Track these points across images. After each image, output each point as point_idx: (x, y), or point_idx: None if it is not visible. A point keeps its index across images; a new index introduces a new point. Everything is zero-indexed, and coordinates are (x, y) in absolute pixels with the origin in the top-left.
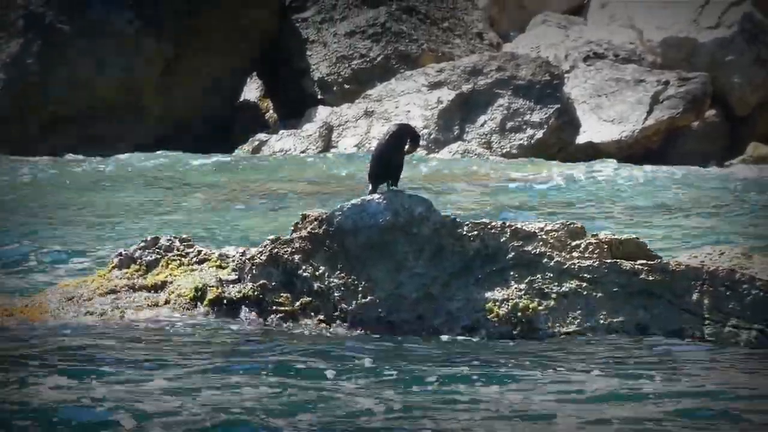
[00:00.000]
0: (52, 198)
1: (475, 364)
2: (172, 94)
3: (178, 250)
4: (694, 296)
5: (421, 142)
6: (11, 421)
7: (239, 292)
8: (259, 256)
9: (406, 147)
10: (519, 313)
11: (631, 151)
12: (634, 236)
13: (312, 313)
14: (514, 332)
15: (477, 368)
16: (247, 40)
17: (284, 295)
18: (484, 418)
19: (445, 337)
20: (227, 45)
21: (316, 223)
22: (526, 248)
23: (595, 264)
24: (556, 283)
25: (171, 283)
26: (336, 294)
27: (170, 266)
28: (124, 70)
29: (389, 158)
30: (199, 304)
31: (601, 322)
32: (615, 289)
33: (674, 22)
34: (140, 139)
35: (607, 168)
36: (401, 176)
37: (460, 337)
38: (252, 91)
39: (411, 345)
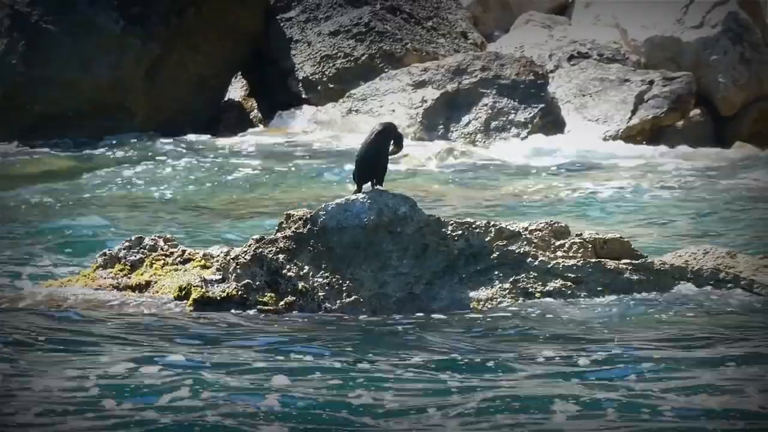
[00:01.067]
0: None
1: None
2: (158, 93)
3: (162, 249)
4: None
5: (405, 142)
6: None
7: (223, 291)
8: (243, 255)
9: (391, 148)
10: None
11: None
12: (618, 235)
13: (296, 313)
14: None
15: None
16: (234, 39)
17: (269, 294)
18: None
19: None
20: (213, 44)
21: (300, 222)
22: (510, 248)
23: (579, 263)
24: (540, 283)
25: (155, 282)
26: (320, 293)
27: (154, 266)
28: (110, 69)
29: (374, 158)
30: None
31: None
32: (599, 288)
33: (658, 21)
34: (126, 139)
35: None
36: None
37: None
38: (237, 90)
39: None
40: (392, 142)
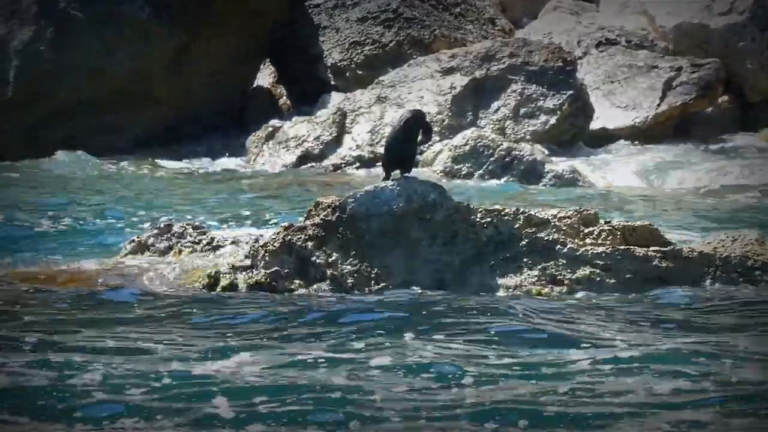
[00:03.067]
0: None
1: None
2: (183, 81)
3: (190, 236)
4: (707, 282)
5: (435, 128)
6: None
7: (252, 278)
8: (272, 243)
9: (419, 137)
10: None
11: (644, 137)
12: (647, 222)
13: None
14: None
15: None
16: (259, 26)
17: (297, 281)
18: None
19: None
20: (239, 32)
21: (329, 209)
22: (539, 235)
23: (608, 251)
24: (569, 270)
25: None
26: (349, 280)
27: (183, 253)
28: (135, 57)
29: (403, 145)
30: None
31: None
32: (628, 276)
33: (686, 8)
34: (152, 127)
35: None
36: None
37: None
38: (265, 77)
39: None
40: (421, 132)
